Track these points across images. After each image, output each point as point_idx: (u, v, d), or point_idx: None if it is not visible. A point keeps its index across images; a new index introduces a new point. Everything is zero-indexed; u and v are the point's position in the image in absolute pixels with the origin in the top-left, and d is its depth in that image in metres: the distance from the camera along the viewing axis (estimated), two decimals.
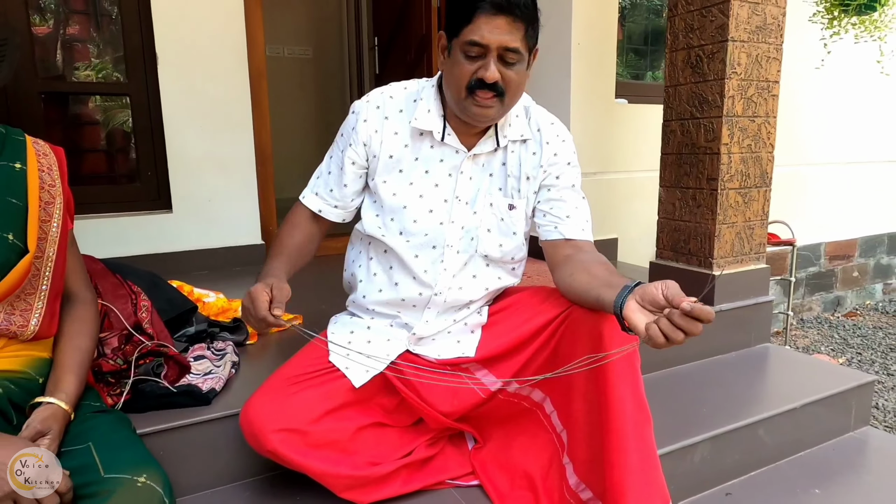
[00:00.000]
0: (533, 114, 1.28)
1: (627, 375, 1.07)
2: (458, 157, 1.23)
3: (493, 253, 1.27)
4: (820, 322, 3.57)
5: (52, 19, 2.57)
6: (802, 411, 1.66)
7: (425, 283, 1.24)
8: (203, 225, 2.71)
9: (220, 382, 1.38)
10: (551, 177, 1.26)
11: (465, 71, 1.11)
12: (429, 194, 1.23)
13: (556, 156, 1.26)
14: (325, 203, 1.30)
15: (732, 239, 2.01)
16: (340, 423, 1.15)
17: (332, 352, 1.23)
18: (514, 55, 1.10)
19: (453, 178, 1.23)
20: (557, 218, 1.25)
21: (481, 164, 1.25)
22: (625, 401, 1.05)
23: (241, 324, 1.72)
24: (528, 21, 1.09)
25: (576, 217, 1.26)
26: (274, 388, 1.16)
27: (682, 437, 1.48)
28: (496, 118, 1.17)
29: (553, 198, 1.26)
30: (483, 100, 1.11)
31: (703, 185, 1.99)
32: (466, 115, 1.15)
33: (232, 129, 2.72)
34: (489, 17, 1.07)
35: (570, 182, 1.27)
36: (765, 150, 2.01)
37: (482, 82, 1.10)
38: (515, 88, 1.14)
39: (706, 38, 1.93)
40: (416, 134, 1.22)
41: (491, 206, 1.25)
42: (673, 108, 2.07)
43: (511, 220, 1.26)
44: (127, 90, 2.61)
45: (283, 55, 5.53)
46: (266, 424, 1.09)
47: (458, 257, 1.24)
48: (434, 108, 1.22)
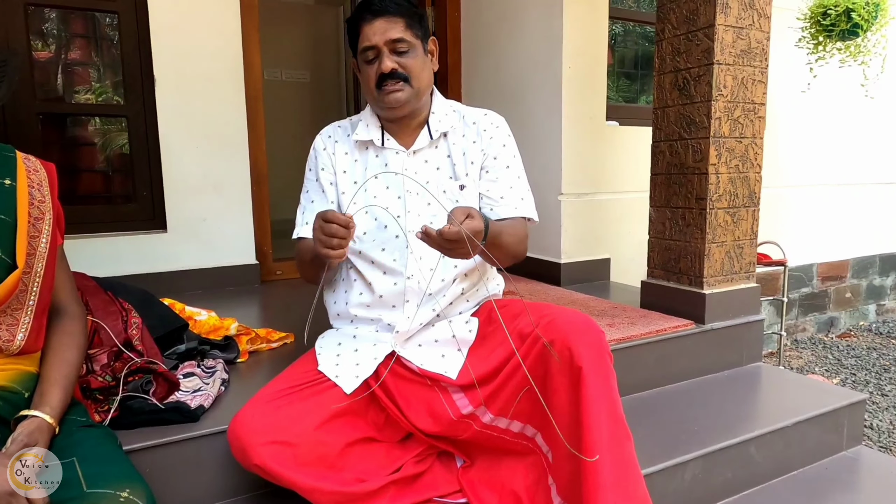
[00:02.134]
0: (466, 112, 1.42)
1: (603, 394, 1.07)
2: (400, 158, 1.36)
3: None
4: (814, 343, 3.58)
5: (53, 44, 2.62)
6: (794, 430, 1.66)
7: (396, 271, 1.31)
8: (197, 245, 2.72)
9: (208, 399, 1.37)
10: (489, 158, 1.37)
11: (369, 74, 1.29)
12: (382, 195, 1.34)
13: (492, 139, 1.38)
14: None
15: (722, 258, 2.03)
16: (330, 436, 1.15)
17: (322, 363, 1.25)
18: (403, 44, 1.26)
19: (399, 178, 1.34)
20: (493, 200, 1.36)
21: (424, 160, 1.36)
22: (600, 418, 1.05)
23: (231, 342, 1.72)
24: (404, 14, 1.26)
25: (509, 196, 1.36)
26: (263, 401, 1.16)
27: (673, 455, 1.47)
28: (412, 101, 1.30)
29: (490, 179, 1.37)
30: (390, 87, 1.26)
31: (692, 205, 2.01)
32: (384, 109, 1.31)
33: (228, 150, 2.75)
34: (369, 23, 1.26)
35: (505, 163, 1.38)
36: (752, 171, 2.04)
37: (384, 76, 1.26)
38: (418, 72, 1.29)
39: (692, 61, 1.97)
40: (362, 147, 1.39)
41: (445, 193, 1.35)
42: (662, 129, 2.11)
43: (464, 200, 1.35)
44: (124, 112, 2.64)
45: (281, 79, 5.60)
46: (254, 437, 1.09)
47: (419, 241, 1.29)
48: (371, 122, 1.39)
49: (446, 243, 1.06)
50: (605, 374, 1.09)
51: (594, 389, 1.06)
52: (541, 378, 1.14)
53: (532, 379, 1.12)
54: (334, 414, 1.18)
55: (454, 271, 1.34)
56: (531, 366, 1.14)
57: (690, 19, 1.97)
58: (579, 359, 1.07)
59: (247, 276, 2.83)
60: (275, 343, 1.84)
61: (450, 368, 1.26)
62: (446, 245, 1.07)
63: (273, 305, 2.56)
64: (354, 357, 1.28)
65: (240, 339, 1.74)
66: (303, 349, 1.39)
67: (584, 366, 1.07)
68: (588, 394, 1.05)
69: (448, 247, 1.07)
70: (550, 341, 1.11)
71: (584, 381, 1.06)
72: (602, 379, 1.07)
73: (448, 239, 1.05)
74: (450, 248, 1.07)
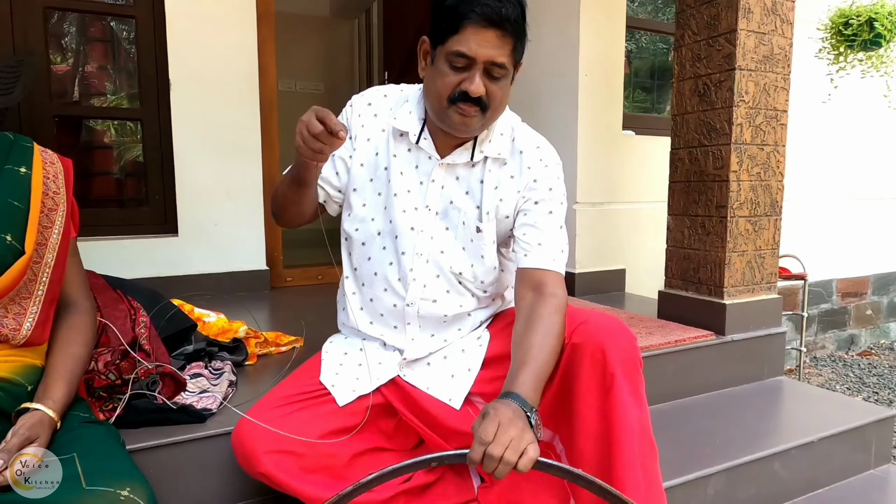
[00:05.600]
0: (518, 135, 1.22)
1: (635, 407, 1.02)
2: (430, 164, 1.19)
3: (465, 272, 1.21)
4: (834, 360, 3.49)
5: (70, 47, 2.64)
6: (819, 446, 1.60)
7: (397, 292, 1.21)
8: (208, 249, 2.70)
9: (215, 402, 1.34)
10: (529, 202, 1.20)
11: (449, 82, 1.07)
12: (403, 196, 1.20)
13: (536, 182, 1.19)
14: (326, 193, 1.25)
15: (743, 268, 1.97)
16: (337, 446, 1.10)
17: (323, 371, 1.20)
18: (501, 70, 1.07)
19: (424, 186, 1.19)
20: (529, 245, 1.18)
21: (455, 176, 1.20)
22: (632, 434, 1.00)
23: (240, 344, 1.69)
24: (518, 36, 1.07)
25: (548, 246, 1.17)
26: (267, 407, 1.11)
27: (695, 469, 1.41)
28: (477, 131, 1.14)
29: (528, 223, 1.19)
30: (465, 108, 1.08)
31: (713, 213, 1.96)
32: (446, 125, 1.12)
33: (241, 156, 2.74)
34: (478, 28, 1.03)
35: (548, 208, 1.19)
36: (774, 179, 1.99)
37: (466, 95, 1.06)
38: (499, 104, 1.11)
39: (713, 66, 1.94)
40: (397, 134, 1.20)
41: (464, 225, 1.20)
42: (681, 136, 2.07)
43: (479, 243, 1.20)
44: (139, 115, 2.64)
45: (295, 90, 5.63)
46: (258, 445, 1.05)
47: (427, 267, 1.20)
48: (416, 110, 1.20)
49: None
50: (637, 381, 1.04)
51: (626, 398, 1.00)
52: (566, 384, 1.08)
53: (557, 384, 1.07)
54: (342, 427, 1.12)
55: (459, 311, 1.23)
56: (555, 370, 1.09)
57: (711, 24, 1.94)
58: (613, 364, 1.01)
59: (257, 282, 2.80)
60: (284, 347, 1.80)
61: (455, 395, 1.18)
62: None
63: (283, 311, 2.53)
64: (356, 371, 1.21)
65: (248, 341, 1.71)
66: (312, 353, 1.35)
67: (618, 372, 1.01)
68: (620, 402, 1.00)
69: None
70: (581, 344, 1.05)
71: (615, 389, 1.00)
72: (634, 386, 1.02)
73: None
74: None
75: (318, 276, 3.08)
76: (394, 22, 4.02)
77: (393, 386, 1.18)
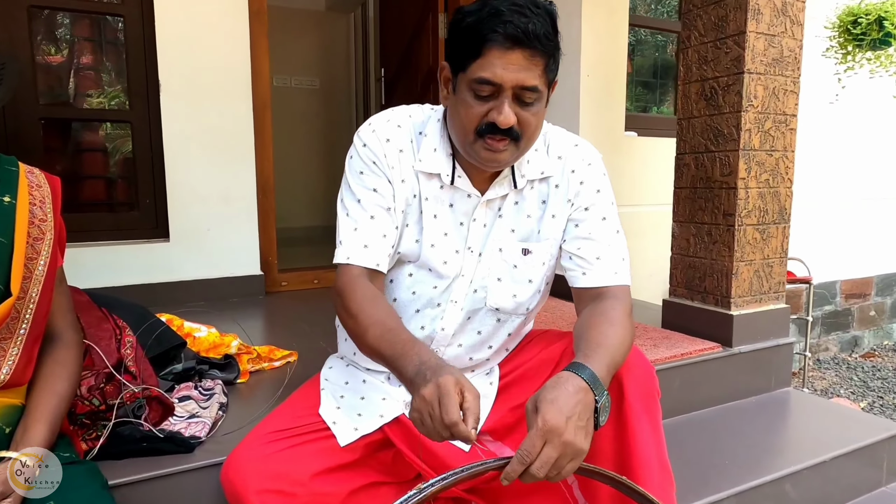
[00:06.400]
0: (552, 140, 1.11)
1: (653, 441, 0.97)
2: (471, 203, 1.07)
3: (505, 305, 1.11)
4: (837, 363, 3.45)
5: (56, 47, 2.55)
6: (832, 465, 1.55)
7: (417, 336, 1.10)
8: (201, 255, 2.64)
9: (204, 428, 1.28)
10: (580, 210, 1.08)
11: (474, 113, 0.95)
12: (440, 244, 1.07)
13: (583, 184, 1.08)
14: (381, 252, 1.04)
15: (750, 277, 1.92)
16: (331, 485, 1.04)
17: (323, 403, 1.13)
18: (532, 94, 0.94)
19: (465, 227, 1.08)
20: (585, 261, 1.06)
21: (499, 213, 1.09)
22: (651, 464, 0.95)
23: (231, 360, 1.63)
24: (549, 53, 0.94)
25: (608, 258, 1.06)
26: (259, 442, 1.04)
27: (705, 494, 1.36)
28: (509, 163, 1.03)
29: (581, 236, 1.08)
30: (494, 143, 0.95)
31: (720, 221, 1.91)
32: (474, 160, 1.01)
33: (234, 159, 2.67)
34: (503, 51, 0.90)
35: (601, 213, 1.08)
36: (783, 185, 1.93)
37: (494, 126, 0.94)
38: (532, 131, 0.99)
39: (721, 69, 1.87)
40: (423, 175, 1.07)
41: (500, 252, 1.09)
42: (686, 140, 2.01)
43: (526, 266, 1.09)
44: (128, 117, 2.57)
45: (290, 85, 5.54)
46: (249, 484, 0.98)
47: (460, 313, 1.12)
48: (440, 146, 1.06)
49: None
50: (655, 413, 0.98)
51: (644, 431, 0.94)
52: None
53: None
54: (340, 464, 1.06)
55: (488, 353, 1.16)
56: None
57: (719, 26, 1.87)
58: (630, 395, 0.95)
59: (251, 287, 2.74)
60: (277, 362, 1.74)
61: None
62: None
63: (277, 318, 2.47)
64: (358, 406, 1.12)
65: (240, 357, 1.65)
66: (306, 369, 1.29)
67: (635, 404, 0.95)
68: (638, 436, 0.94)
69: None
70: None
71: (633, 421, 0.94)
72: (652, 418, 0.96)
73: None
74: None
75: (314, 280, 3.02)
76: (390, 16, 3.94)
77: (396, 424, 1.12)
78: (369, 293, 1.00)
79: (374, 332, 0.94)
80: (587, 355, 0.88)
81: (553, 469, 0.77)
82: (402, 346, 0.90)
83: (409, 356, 0.87)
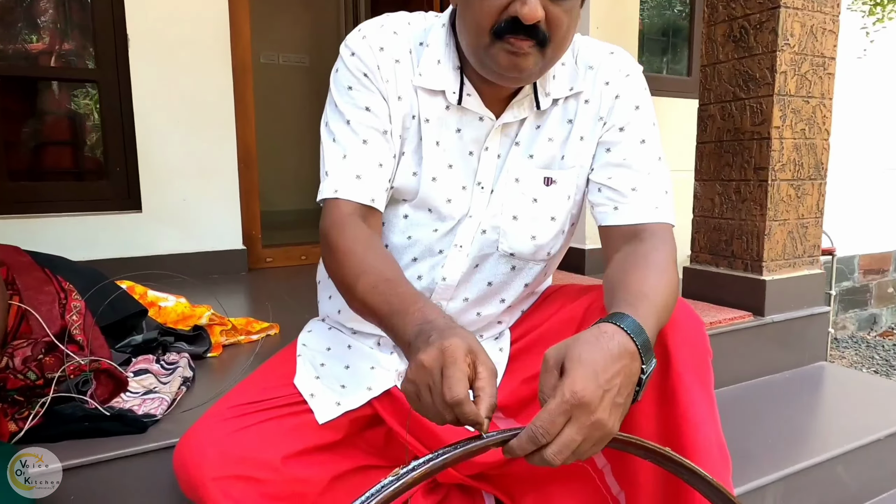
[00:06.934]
0: (582, 49, 0.90)
1: (707, 410, 0.76)
2: (483, 128, 0.88)
3: (522, 248, 0.91)
4: (856, 342, 3.27)
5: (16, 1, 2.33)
6: (887, 443, 1.36)
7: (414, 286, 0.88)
8: (177, 228, 2.43)
9: (162, 405, 1.07)
10: (613, 129, 0.88)
11: (492, 5, 0.74)
12: (444, 178, 0.88)
13: (619, 98, 0.88)
14: (377, 185, 0.84)
15: (784, 239, 1.73)
16: (311, 469, 0.84)
17: (299, 372, 0.93)
18: None
19: (475, 158, 0.88)
20: (618, 193, 0.86)
21: (515, 139, 0.89)
22: (709, 446, 0.75)
23: (202, 332, 1.43)
24: None
25: (646, 189, 0.86)
26: (219, 418, 0.84)
27: (749, 478, 1.18)
28: (533, 76, 0.82)
29: (614, 162, 0.87)
30: (517, 44, 0.75)
31: (750, 177, 1.71)
32: (490, 69, 0.80)
33: (212, 126, 2.46)
34: None
35: (640, 135, 0.88)
36: (820, 137, 1.74)
37: (517, 23, 0.74)
38: (564, 35, 0.78)
39: (752, 6, 1.67)
40: (424, 93, 0.87)
41: (517, 183, 0.89)
42: (711, 89, 1.81)
43: (548, 200, 0.89)
44: (94, 77, 2.35)
45: (279, 63, 5.32)
46: (205, 469, 0.78)
47: (465, 260, 0.91)
48: (446, 57, 0.86)
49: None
50: (709, 383, 0.78)
51: (699, 406, 0.74)
52: None
53: None
54: (320, 444, 0.86)
55: (501, 310, 0.96)
56: None
57: None
58: (679, 362, 0.75)
59: (233, 264, 2.54)
60: (256, 335, 1.54)
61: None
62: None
63: (260, 296, 2.26)
64: (342, 375, 0.93)
65: (212, 329, 1.45)
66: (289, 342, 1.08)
67: (686, 372, 0.75)
68: (692, 413, 0.74)
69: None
70: None
71: (684, 395, 0.74)
72: (706, 389, 0.76)
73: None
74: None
75: (302, 257, 2.81)
76: None
77: (386, 398, 0.91)
78: (362, 234, 0.80)
79: (367, 281, 0.74)
80: (631, 307, 0.68)
81: (572, 455, 0.57)
82: (401, 300, 0.70)
83: (410, 313, 0.67)
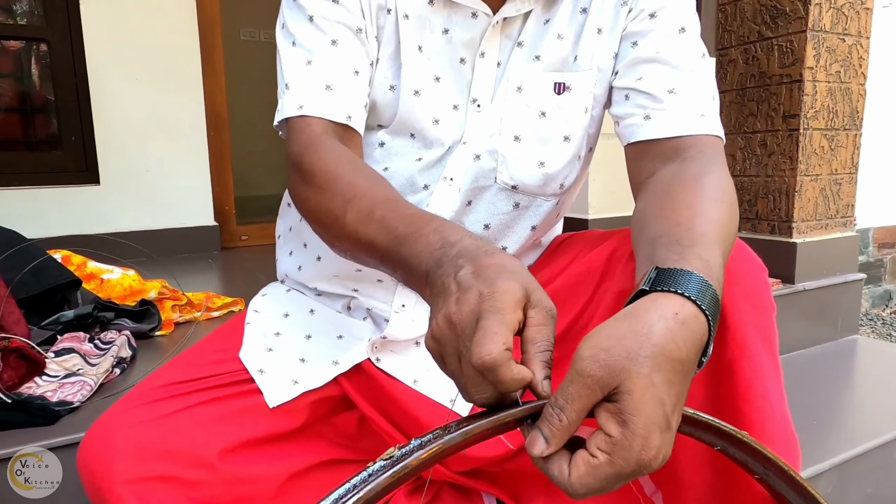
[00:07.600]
0: None
1: (773, 379, 0.56)
2: (477, 27, 0.68)
3: (528, 179, 0.71)
4: (871, 319, 3.11)
5: None
6: None
7: None
8: (139, 202, 2.21)
9: (83, 389, 0.87)
10: (641, 17, 0.67)
11: None
12: (429, 93, 0.69)
13: None
14: (354, 98, 0.65)
15: (816, 196, 1.53)
16: (258, 466, 0.64)
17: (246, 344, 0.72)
18: None
19: (468, 67, 0.69)
20: (651, 98, 0.65)
21: (517, 38, 0.70)
22: (777, 422, 0.54)
23: (150, 307, 1.22)
24: None
25: (688, 92, 0.65)
26: (140, 401, 0.63)
27: (804, 464, 0.99)
28: None
29: (643, 57, 0.66)
30: None
31: (779, 126, 1.52)
32: None
33: (176, 86, 2.24)
34: None
35: (677, 22, 0.66)
36: (856, 82, 1.55)
37: None
38: None
39: None
40: None
41: (519, 93, 0.69)
42: (732, 30, 1.61)
43: (560, 112, 0.69)
44: (44, 35, 2.12)
45: (259, 39, 5.07)
46: (116, 468, 0.58)
47: (456, 196, 0.71)
48: None
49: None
50: (773, 343, 0.57)
51: (767, 378, 0.54)
52: None
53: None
54: (273, 433, 0.66)
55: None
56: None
57: None
58: (739, 319, 0.54)
59: (204, 242, 2.32)
60: (216, 312, 1.33)
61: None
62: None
63: (232, 275, 2.05)
64: (301, 347, 0.74)
65: (163, 304, 1.24)
66: None
67: (748, 332, 0.54)
68: (755, 383, 0.53)
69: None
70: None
71: (744, 360, 0.54)
72: (773, 357, 0.56)
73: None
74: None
75: None
76: None
77: (358, 373, 0.71)
78: (345, 154, 0.61)
79: (359, 207, 0.54)
80: (687, 255, 0.46)
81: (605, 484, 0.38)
82: (410, 222, 0.50)
83: (423, 235, 0.48)
